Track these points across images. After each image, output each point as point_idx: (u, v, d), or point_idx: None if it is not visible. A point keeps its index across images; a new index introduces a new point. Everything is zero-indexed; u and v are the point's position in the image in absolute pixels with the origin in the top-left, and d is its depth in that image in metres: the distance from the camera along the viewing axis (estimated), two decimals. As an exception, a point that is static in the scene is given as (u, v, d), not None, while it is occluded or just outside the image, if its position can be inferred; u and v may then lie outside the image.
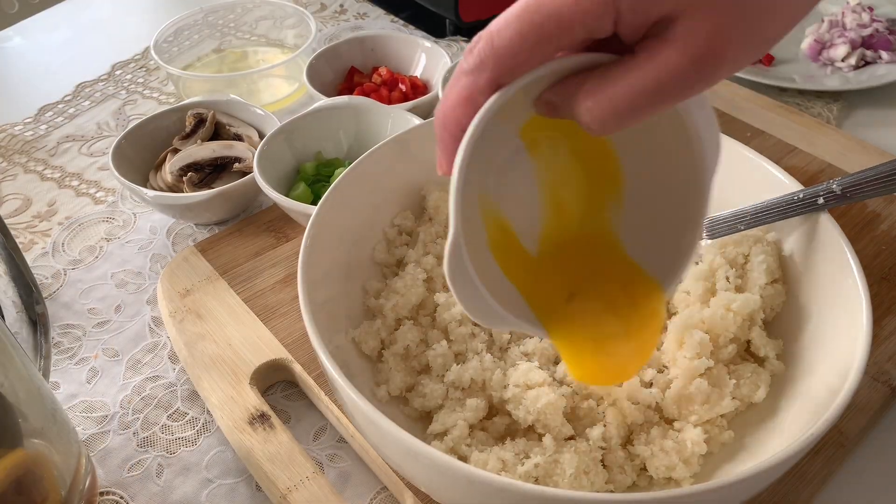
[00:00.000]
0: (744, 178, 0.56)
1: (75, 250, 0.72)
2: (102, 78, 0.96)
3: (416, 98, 0.81)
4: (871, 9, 0.94)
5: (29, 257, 0.70)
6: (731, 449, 0.48)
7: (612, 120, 0.35)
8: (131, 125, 0.75)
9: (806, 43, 0.94)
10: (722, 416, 0.48)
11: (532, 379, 0.48)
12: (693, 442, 0.46)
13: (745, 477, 0.38)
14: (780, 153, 0.76)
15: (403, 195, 0.60)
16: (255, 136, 0.76)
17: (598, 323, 0.45)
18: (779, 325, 0.53)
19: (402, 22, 1.05)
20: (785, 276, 0.54)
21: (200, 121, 0.76)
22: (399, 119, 0.71)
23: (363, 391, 0.42)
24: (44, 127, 0.88)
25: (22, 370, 0.44)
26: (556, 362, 0.52)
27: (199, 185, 0.71)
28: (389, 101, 0.80)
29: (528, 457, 0.45)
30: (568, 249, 0.45)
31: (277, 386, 0.59)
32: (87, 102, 0.91)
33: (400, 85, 0.83)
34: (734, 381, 0.49)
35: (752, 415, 0.49)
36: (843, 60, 0.90)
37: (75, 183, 0.79)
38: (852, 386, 0.41)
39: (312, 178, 0.70)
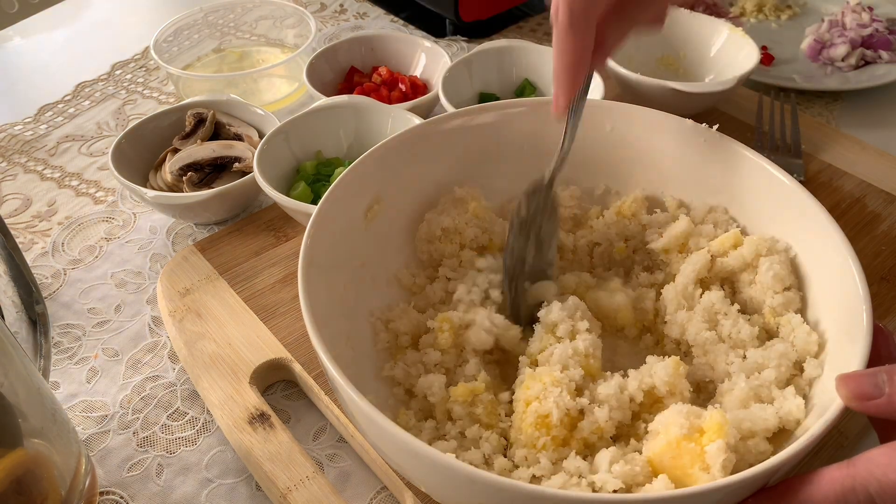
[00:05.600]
0: (744, 178, 0.56)
1: (75, 250, 0.72)
2: (102, 78, 0.95)
3: (416, 98, 0.81)
4: (871, 9, 0.94)
5: (29, 257, 0.70)
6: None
7: None
8: (131, 125, 0.75)
9: (806, 43, 0.94)
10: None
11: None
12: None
13: (745, 477, 0.38)
14: (780, 153, 0.76)
15: (404, 194, 0.60)
16: (255, 136, 0.76)
17: None
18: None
19: (402, 22, 1.05)
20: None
21: (200, 121, 0.76)
22: (399, 118, 0.71)
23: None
24: (44, 127, 0.88)
25: (22, 370, 0.44)
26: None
27: (198, 184, 0.71)
28: (389, 101, 0.80)
29: None
30: None
31: (277, 385, 0.59)
32: (87, 102, 0.91)
33: (400, 84, 0.83)
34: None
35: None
36: (843, 60, 0.90)
37: (75, 183, 0.79)
38: (852, 386, 0.41)
39: (312, 178, 0.70)
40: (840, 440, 0.52)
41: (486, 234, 0.60)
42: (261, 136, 0.76)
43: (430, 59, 0.86)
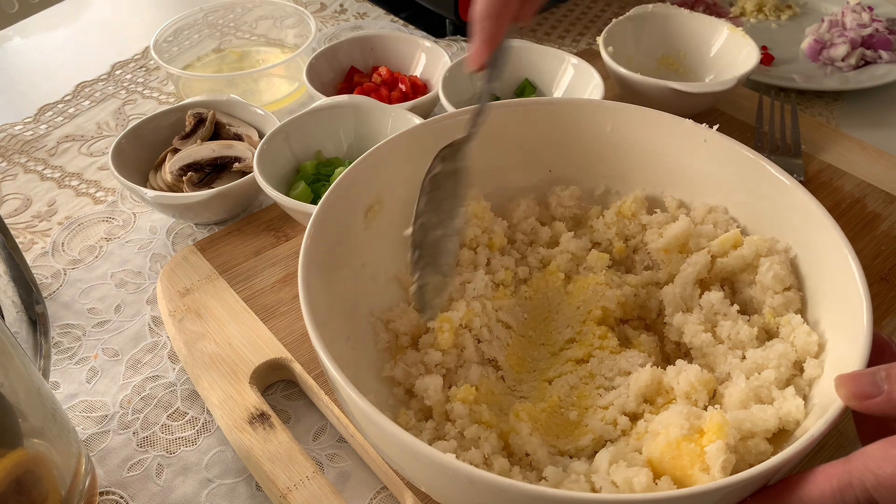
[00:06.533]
0: (744, 178, 0.56)
1: (75, 250, 0.72)
2: (102, 78, 0.96)
3: (416, 98, 0.81)
4: (871, 9, 0.94)
5: (29, 257, 0.70)
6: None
7: None
8: (131, 125, 0.75)
9: (806, 43, 0.94)
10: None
11: None
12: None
13: (745, 478, 0.38)
14: (780, 153, 0.76)
15: (404, 194, 0.60)
16: (255, 136, 0.76)
17: None
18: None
19: (402, 22, 1.05)
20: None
21: (200, 121, 0.76)
22: (399, 118, 0.71)
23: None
24: (44, 127, 0.88)
25: (22, 370, 0.44)
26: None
27: (198, 184, 0.71)
28: (389, 101, 0.81)
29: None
30: None
31: (277, 385, 0.59)
32: (87, 102, 0.91)
33: (400, 84, 0.83)
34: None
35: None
36: (843, 60, 0.90)
37: (75, 183, 0.79)
38: (852, 386, 0.41)
39: (312, 178, 0.70)
40: (840, 440, 0.52)
41: (485, 233, 0.60)
42: (261, 136, 0.76)
43: (430, 59, 0.86)
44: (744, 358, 0.50)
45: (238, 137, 0.76)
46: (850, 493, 0.37)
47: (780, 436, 0.46)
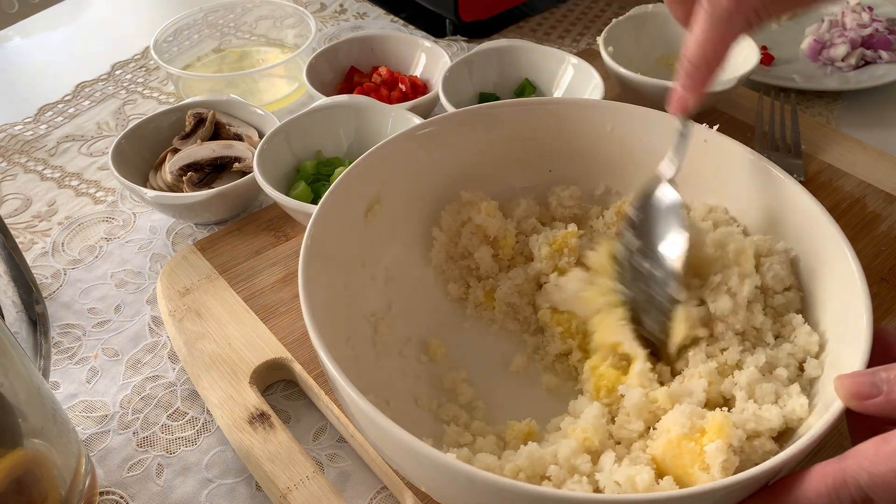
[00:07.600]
0: (744, 178, 0.56)
1: (75, 250, 0.72)
2: (102, 78, 0.95)
3: (416, 98, 0.81)
4: (871, 9, 0.94)
5: (29, 257, 0.70)
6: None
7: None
8: (131, 125, 0.75)
9: (806, 43, 0.94)
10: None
11: None
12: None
13: (745, 478, 0.38)
14: (780, 153, 0.76)
15: (404, 194, 0.60)
16: (255, 136, 0.76)
17: None
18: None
19: (402, 22, 1.05)
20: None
21: (200, 121, 0.76)
22: (399, 118, 0.71)
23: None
24: (44, 127, 0.88)
25: (22, 370, 0.44)
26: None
27: (198, 184, 0.71)
28: (389, 101, 0.80)
29: None
30: None
31: (277, 385, 0.59)
32: (87, 102, 0.91)
33: (400, 84, 0.83)
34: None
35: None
36: (842, 60, 0.90)
37: (75, 183, 0.79)
38: (852, 386, 0.41)
39: (312, 177, 0.70)
40: (840, 440, 0.52)
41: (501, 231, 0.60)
42: (261, 136, 0.76)
43: (430, 59, 0.86)
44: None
45: (238, 137, 0.76)
46: (846, 492, 0.37)
47: (785, 434, 0.46)
